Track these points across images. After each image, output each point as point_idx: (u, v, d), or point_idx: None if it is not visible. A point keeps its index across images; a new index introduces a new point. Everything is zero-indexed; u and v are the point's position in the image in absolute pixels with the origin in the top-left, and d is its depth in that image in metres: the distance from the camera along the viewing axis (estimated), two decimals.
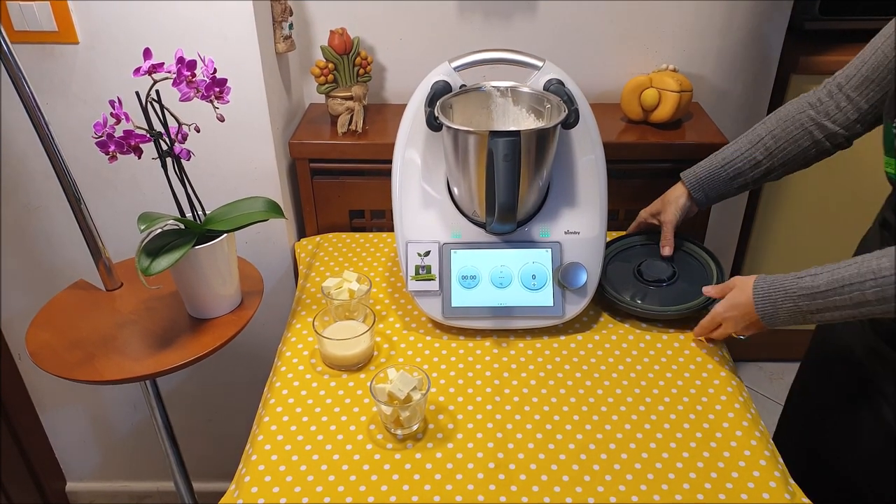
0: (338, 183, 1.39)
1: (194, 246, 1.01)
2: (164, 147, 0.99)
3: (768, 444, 0.93)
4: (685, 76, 1.40)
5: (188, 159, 1.02)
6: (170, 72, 0.92)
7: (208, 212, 1.08)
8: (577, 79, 1.11)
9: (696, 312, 1.09)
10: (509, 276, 1.09)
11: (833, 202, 1.78)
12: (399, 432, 0.94)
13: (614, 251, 1.23)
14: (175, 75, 0.92)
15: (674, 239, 1.17)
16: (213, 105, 0.96)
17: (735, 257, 1.87)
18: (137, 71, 0.91)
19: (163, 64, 0.92)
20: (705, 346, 1.08)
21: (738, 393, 1.00)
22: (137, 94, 0.94)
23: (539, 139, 1.01)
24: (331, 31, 1.34)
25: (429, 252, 1.10)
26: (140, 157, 0.96)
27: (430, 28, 1.42)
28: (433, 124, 1.04)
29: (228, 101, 0.97)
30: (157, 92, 0.94)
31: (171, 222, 1.02)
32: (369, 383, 0.94)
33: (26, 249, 1.41)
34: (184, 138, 1.00)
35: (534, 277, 1.09)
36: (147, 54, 0.92)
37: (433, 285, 1.09)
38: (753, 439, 0.93)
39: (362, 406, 0.99)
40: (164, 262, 0.97)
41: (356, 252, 1.34)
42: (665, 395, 1.00)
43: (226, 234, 1.05)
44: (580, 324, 1.13)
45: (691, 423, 0.95)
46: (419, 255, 1.10)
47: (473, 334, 1.11)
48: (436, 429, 0.95)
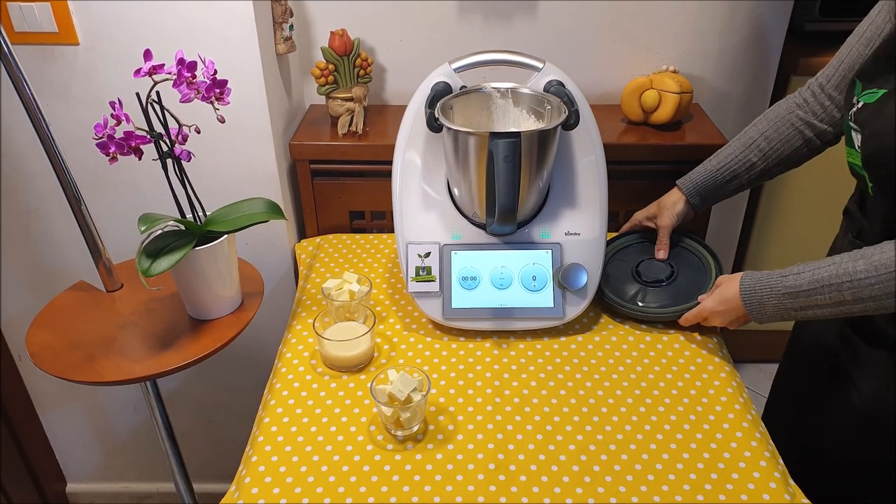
0: (338, 184, 1.39)
1: (195, 247, 1.01)
2: (165, 148, 0.99)
3: (768, 444, 0.93)
4: (685, 77, 1.40)
5: (188, 160, 1.02)
6: (170, 73, 0.92)
7: (209, 213, 1.08)
8: (578, 80, 1.11)
9: None
10: (509, 278, 1.09)
11: (833, 201, 1.77)
12: (399, 433, 0.94)
13: (610, 252, 1.22)
14: (175, 76, 0.92)
15: (669, 243, 1.17)
16: (214, 106, 0.96)
17: (735, 257, 1.87)
18: (138, 72, 0.91)
19: (163, 65, 0.92)
20: (705, 347, 1.08)
21: (738, 394, 1.00)
22: (138, 95, 0.94)
23: (539, 140, 1.01)
24: (331, 33, 1.34)
25: (429, 253, 1.10)
26: (140, 159, 0.97)
27: (431, 29, 1.42)
28: (433, 125, 1.04)
29: (229, 103, 0.97)
30: (157, 93, 0.94)
31: (171, 223, 1.02)
32: (370, 384, 0.94)
33: (27, 250, 1.41)
34: (184, 139, 1.00)
35: (534, 279, 1.09)
36: (147, 55, 0.92)
37: (433, 286, 1.09)
38: (753, 440, 0.93)
39: (362, 407, 0.99)
40: (165, 263, 0.97)
41: (356, 253, 1.34)
42: (665, 397, 1.00)
43: (226, 236, 1.05)
44: (580, 325, 1.13)
45: (691, 425, 0.95)
46: (419, 256, 1.10)
47: (474, 335, 1.11)
48: (436, 430, 0.95)
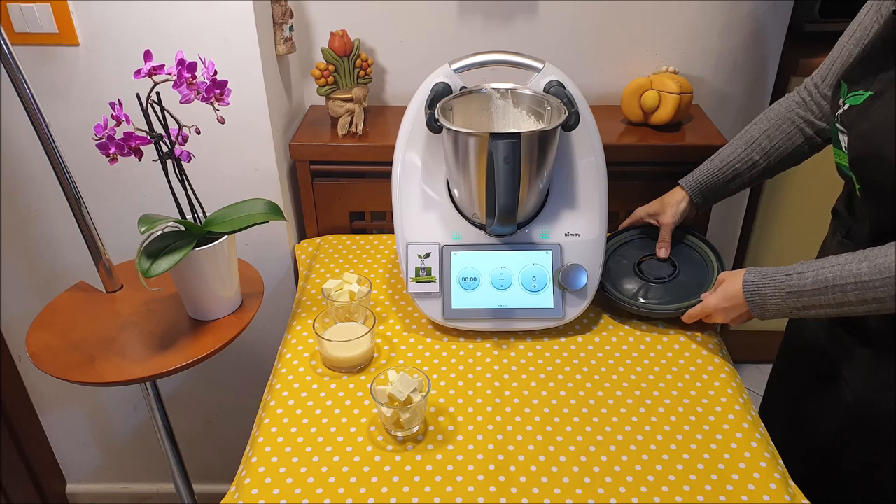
0: (338, 185, 1.39)
1: (195, 248, 1.01)
2: (165, 149, 0.99)
3: (768, 445, 0.93)
4: (685, 78, 1.40)
5: (188, 161, 1.02)
6: (170, 74, 0.92)
7: (209, 214, 1.08)
8: (578, 81, 1.11)
9: None
10: (509, 278, 1.09)
11: (834, 198, 1.77)
12: (399, 434, 0.94)
13: (611, 247, 1.22)
14: (175, 77, 0.92)
15: (671, 241, 1.17)
16: (214, 107, 0.96)
17: (736, 256, 1.87)
18: (138, 73, 0.91)
19: (163, 66, 0.92)
20: (705, 347, 1.08)
21: (739, 395, 1.00)
22: (138, 95, 0.94)
23: (539, 141, 1.01)
24: (331, 33, 1.34)
25: (429, 254, 1.10)
26: (140, 159, 0.97)
27: (431, 30, 1.42)
28: (433, 126, 1.04)
29: (229, 103, 0.97)
30: (157, 94, 0.94)
31: (171, 224, 1.02)
32: (369, 385, 0.94)
33: (27, 251, 1.41)
34: (184, 140, 1.00)
35: (534, 279, 1.09)
36: (147, 56, 0.92)
37: (433, 287, 1.09)
38: (753, 441, 0.93)
39: (362, 408, 0.99)
40: (165, 263, 0.97)
41: (356, 254, 1.34)
42: (665, 397, 1.00)
43: (226, 236, 1.05)
44: (580, 325, 1.13)
45: (691, 425, 0.95)
46: (419, 256, 1.10)
47: (474, 336, 1.11)
48: (436, 431, 0.95)
